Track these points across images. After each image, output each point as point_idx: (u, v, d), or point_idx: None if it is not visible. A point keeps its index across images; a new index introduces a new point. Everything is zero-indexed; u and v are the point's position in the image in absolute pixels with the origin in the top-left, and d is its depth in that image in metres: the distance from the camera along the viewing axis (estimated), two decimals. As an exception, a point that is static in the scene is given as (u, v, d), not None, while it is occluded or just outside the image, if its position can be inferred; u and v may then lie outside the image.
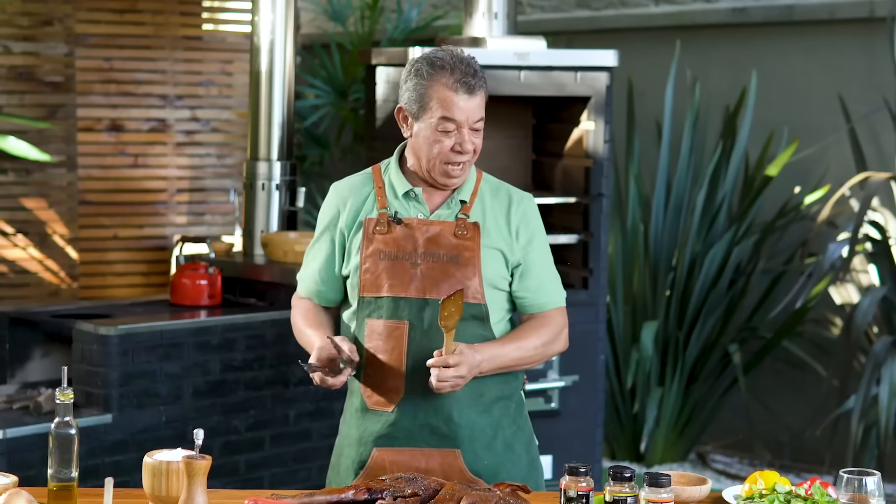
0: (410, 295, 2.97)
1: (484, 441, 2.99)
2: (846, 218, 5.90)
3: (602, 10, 7.03)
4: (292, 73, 5.21)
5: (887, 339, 5.44)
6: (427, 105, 2.97)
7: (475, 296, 2.98)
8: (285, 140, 5.19)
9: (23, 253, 6.25)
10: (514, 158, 5.28)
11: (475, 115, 2.99)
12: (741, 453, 6.32)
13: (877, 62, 5.97)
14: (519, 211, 3.07)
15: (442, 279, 2.96)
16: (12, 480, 2.62)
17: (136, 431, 4.55)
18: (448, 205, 3.04)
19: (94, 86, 6.35)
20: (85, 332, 4.58)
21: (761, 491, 2.65)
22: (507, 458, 3.02)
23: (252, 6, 5.21)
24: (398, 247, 2.99)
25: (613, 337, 6.06)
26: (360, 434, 3.02)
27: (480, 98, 3.01)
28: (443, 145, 2.96)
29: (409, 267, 2.98)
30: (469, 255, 2.98)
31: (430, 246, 2.99)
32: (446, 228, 3.01)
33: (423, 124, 2.98)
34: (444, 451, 2.96)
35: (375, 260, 2.99)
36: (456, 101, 2.96)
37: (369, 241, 3.00)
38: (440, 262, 2.98)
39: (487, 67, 4.77)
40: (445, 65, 2.97)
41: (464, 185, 3.05)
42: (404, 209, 3.03)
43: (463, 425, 2.97)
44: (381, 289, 2.98)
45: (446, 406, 2.96)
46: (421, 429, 2.96)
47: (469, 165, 3.01)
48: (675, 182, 6.14)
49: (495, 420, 3.02)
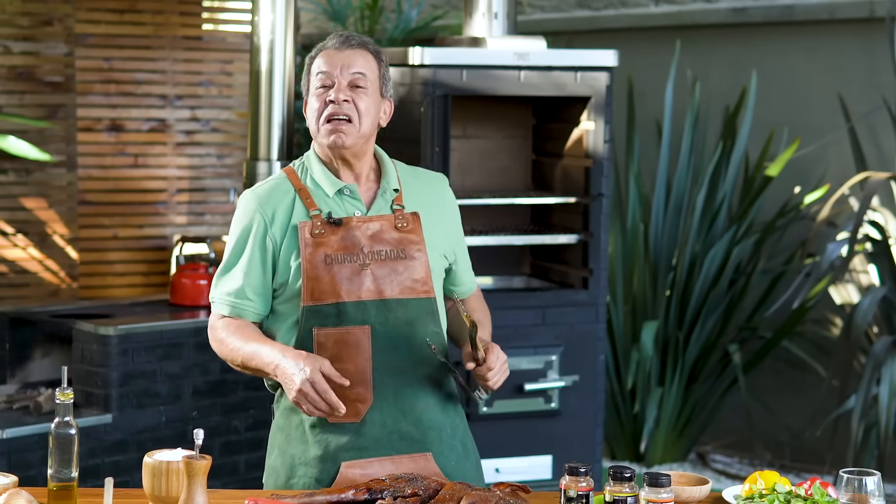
0: (365, 297, 2.84)
1: (448, 440, 2.92)
2: (846, 218, 5.90)
3: (602, 10, 7.03)
4: (292, 73, 5.21)
5: (887, 339, 5.44)
6: (310, 73, 2.92)
7: (425, 289, 2.89)
8: (285, 140, 5.19)
9: (23, 253, 6.25)
10: (514, 158, 5.28)
11: (351, 67, 2.87)
12: (741, 453, 6.32)
13: (877, 62, 5.97)
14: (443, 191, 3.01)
15: (392, 275, 2.86)
16: (12, 480, 2.62)
17: (136, 431, 4.55)
18: (382, 197, 2.93)
19: (94, 86, 6.35)
20: (85, 332, 4.58)
21: (761, 491, 2.65)
22: (464, 457, 2.94)
23: (252, 6, 5.20)
24: (343, 248, 2.85)
25: (613, 337, 6.06)
26: (323, 450, 2.85)
27: (360, 54, 2.89)
28: (319, 101, 2.87)
29: (359, 268, 2.85)
30: (415, 248, 2.89)
31: (375, 243, 2.87)
32: (386, 223, 2.90)
33: (310, 96, 2.91)
34: (415, 455, 2.86)
35: (320, 265, 2.83)
36: (328, 55, 2.89)
37: (308, 246, 2.84)
38: (388, 259, 2.87)
39: (487, 67, 4.78)
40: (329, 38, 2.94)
41: (388, 174, 2.94)
42: (338, 208, 2.90)
43: (431, 426, 2.89)
44: (334, 295, 2.83)
45: (416, 408, 2.88)
46: (390, 436, 2.86)
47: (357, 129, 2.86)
48: (675, 182, 6.15)
49: (451, 418, 2.95)
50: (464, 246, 3.06)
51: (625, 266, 6.14)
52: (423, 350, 2.89)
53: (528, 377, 4.85)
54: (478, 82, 4.73)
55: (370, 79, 2.90)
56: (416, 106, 4.71)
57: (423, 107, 4.67)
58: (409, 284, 2.88)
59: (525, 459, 4.90)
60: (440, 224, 2.97)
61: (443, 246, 2.96)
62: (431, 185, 3.02)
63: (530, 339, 4.87)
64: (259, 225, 2.89)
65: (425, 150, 4.67)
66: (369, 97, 2.89)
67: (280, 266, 2.88)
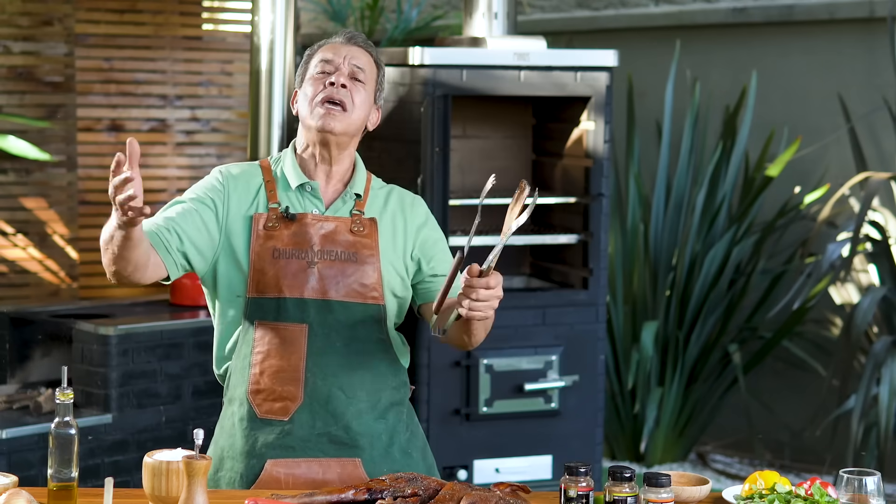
0: (308, 296, 2.81)
1: (381, 448, 2.87)
2: (846, 218, 5.90)
3: (602, 10, 7.03)
4: (292, 73, 5.21)
5: (887, 339, 5.43)
6: (309, 64, 2.92)
7: (373, 295, 2.85)
8: (285, 140, 5.19)
9: (23, 253, 6.25)
10: (514, 158, 5.29)
11: (354, 60, 2.89)
12: (741, 453, 6.31)
13: (877, 62, 5.97)
14: (415, 209, 2.95)
15: (340, 278, 2.83)
16: (12, 480, 2.62)
17: (136, 431, 4.55)
18: (343, 199, 2.90)
19: (94, 86, 6.35)
20: (85, 332, 4.58)
21: (761, 491, 2.65)
22: (404, 464, 2.90)
23: (252, 6, 5.21)
24: (293, 244, 2.83)
25: (613, 337, 6.06)
26: (249, 445, 2.83)
27: (363, 53, 2.91)
28: (318, 84, 2.86)
29: (306, 266, 2.82)
30: (367, 253, 2.85)
31: (326, 243, 2.84)
32: (342, 224, 2.87)
33: (305, 83, 2.90)
34: (343, 460, 2.83)
35: (267, 258, 2.81)
36: (332, 47, 2.90)
37: (260, 238, 2.83)
38: (338, 261, 2.83)
39: (487, 67, 4.78)
40: (332, 37, 2.95)
41: (356, 179, 2.92)
42: (298, 204, 2.88)
43: (362, 433, 2.84)
44: (276, 289, 2.81)
45: (347, 413, 2.83)
46: (318, 438, 2.82)
47: (348, 119, 2.86)
48: (675, 182, 6.14)
49: (391, 426, 2.89)
50: (446, 254, 2.96)
51: (625, 266, 6.14)
52: (361, 356, 2.86)
53: (528, 377, 4.85)
54: (478, 82, 4.73)
55: (368, 77, 2.92)
56: (416, 106, 4.71)
57: (423, 107, 4.68)
58: (357, 288, 2.84)
59: (525, 459, 4.90)
60: (402, 238, 2.92)
61: (399, 260, 2.91)
62: (402, 201, 2.97)
63: (530, 339, 4.88)
64: (222, 193, 2.87)
65: (425, 150, 4.67)
66: (365, 93, 2.90)
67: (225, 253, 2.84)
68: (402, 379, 2.95)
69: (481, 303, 2.59)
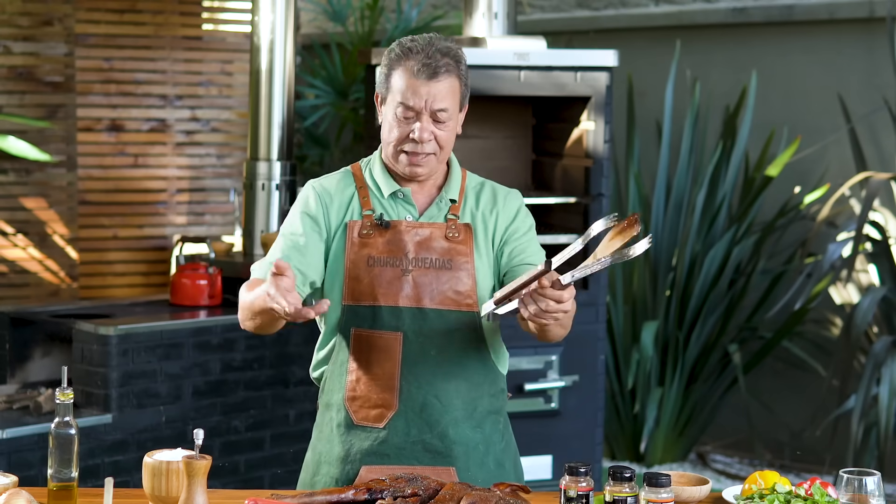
0: (403, 304, 2.80)
1: (477, 458, 2.85)
2: (846, 218, 5.90)
3: (602, 10, 7.03)
4: (292, 73, 5.21)
5: (887, 339, 5.44)
6: (391, 88, 2.81)
7: (468, 302, 2.82)
8: (285, 140, 5.19)
9: (23, 253, 6.25)
10: (514, 158, 5.29)
11: (436, 103, 2.77)
12: (741, 453, 6.32)
13: (877, 62, 5.97)
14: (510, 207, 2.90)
15: (434, 285, 2.80)
16: (12, 480, 2.62)
17: (136, 431, 4.55)
18: (438, 204, 2.87)
19: (94, 86, 6.35)
20: (85, 332, 4.58)
21: (761, 491, 2.65)
22: (497, 474, 2.88)
23: (252, 6, 5.21)
24: (388, 252, 2.81)
25: (613, 337, 6.06)
26: (345, 451, 2.84)
27: (446, 85, 2.78)
28: (400, 131, 2.78)
29: (401, 273, 2.80)
30: (462, 259, 2.82)
31: (421, 250, 2.82)
32: (437, 231, 2.84)
33: (387, 108, 2.82)
34: (437, 468, 2.80)
35: (363, 266, 2.80)
36: (414, 86, 2.76)
37: (355, 245, 2.82)
38: (432, 268, 2.81)
39: (487, 67, 4.78)
40: (414, 48, 2.78)
41: (451, 183, 2.88)
42: (391, 211, 2.85)
43: (458, 441, 2.83)
44: (371, 297, 2.80)
45: (443, 421, 2.82)
46: (413, 445, 2.81)
47: (437, 159, 2.82)
48: (675, 182, 6.14)
49: (487, 436, 2.87)
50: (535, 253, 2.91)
51: (625, 266, 6.14)
52: (456, 364, 2.84)
53: (528, 377, 4.85)
54: (478, 82, 4.73)
55: (452, 106, 2.81)
56: (416, 106, 4.70)
57: (423, 107, 4.67)
58: (451, 296, 2.82)
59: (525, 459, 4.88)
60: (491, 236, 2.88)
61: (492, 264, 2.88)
62: (494, 197, 2.92)
63: (530, 339, 4.84)
64: (321, 211, 2.84)
65: (425, 150, 4.67)
66: (451, 128, 2.82)
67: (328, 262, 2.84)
68: (499, 387, 2.92)
69: (545, 312, 2.57)
